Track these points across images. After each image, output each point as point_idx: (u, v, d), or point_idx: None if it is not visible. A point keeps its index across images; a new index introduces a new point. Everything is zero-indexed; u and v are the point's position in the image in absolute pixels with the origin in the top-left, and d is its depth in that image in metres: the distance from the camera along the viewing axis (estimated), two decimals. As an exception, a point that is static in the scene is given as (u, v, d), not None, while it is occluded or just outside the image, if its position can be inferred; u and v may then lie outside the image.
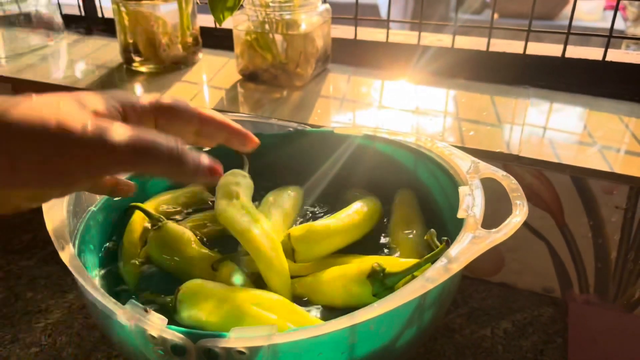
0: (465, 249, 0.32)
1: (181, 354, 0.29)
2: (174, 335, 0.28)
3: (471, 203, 0.37)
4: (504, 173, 0.40)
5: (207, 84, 0.70)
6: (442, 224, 0.45)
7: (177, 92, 0.66)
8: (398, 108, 0.62)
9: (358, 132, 0.50)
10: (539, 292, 0.56)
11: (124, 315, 0.29)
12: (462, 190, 0.39)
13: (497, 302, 0.55)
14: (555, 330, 0.51)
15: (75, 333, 0.51)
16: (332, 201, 0.50)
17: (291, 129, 0.52)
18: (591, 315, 0.54)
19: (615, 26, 0.62)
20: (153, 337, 0.29)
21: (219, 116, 0.35)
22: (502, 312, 0.53)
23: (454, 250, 0.32)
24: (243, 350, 0.27)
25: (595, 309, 0.54)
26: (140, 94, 0.28)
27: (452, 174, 0.42)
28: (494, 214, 0.40)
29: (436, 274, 0.30)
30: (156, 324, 0.29)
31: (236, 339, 0.28)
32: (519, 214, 0.35)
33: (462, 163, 0.42)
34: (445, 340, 0.50)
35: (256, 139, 0.37)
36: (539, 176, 0.51)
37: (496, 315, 0.53)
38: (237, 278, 0.39)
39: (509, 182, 0.38)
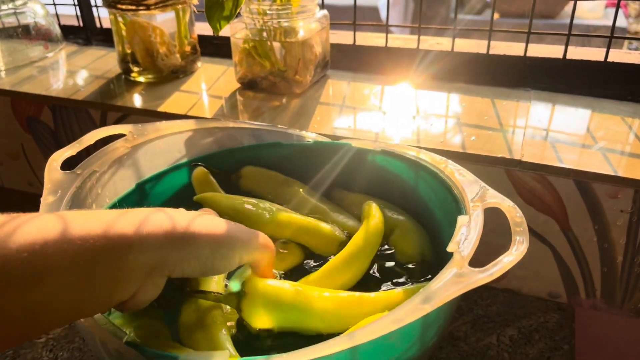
0: (444, 287, 0.30)
1: None
2: (129, 352, 0.29)
3: (465, 236, 0.35)
4: (511, 204, 0.37)
5: (206, 92, 0.69)
6: (442, 246, 0.43)
7: (176, 102, 0.66)
8: (398, 113, 0.61)
9: (375, 147, 0.49)
10: (545, 298, 0.55)
11: (91, 325, 0.31)
12: (461, 220, 0.37)
13: (503, 308, 0.54)
14: (562, 336, 0.50)
15: (77, 348, 0.51)
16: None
17: (310, 140, 0.52)
18: (598, 320, 0.53)
19: (617, 23, 0.61)
20: (118, 351, 0.30)
21: None
22: (508, 319, 0.53)
23: (432, 285, 0.30)
24: None
25: (602, 314, 0.53)
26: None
27: (458, 200, 0.40)
28: (501, 228, 0.39)
29: (404, 315, 0.29)
30: (116, 339, 0.30)
31: None
32: (515, 252, 0.32)
33: (471, 188, 0.40)
34: (451, 349, 0.49)
35: None
36: (541, 180, 0.50)
37: (501, 322, 0.52)
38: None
39: (514, 215, 0.36)
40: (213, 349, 0.34)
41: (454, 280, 0.31)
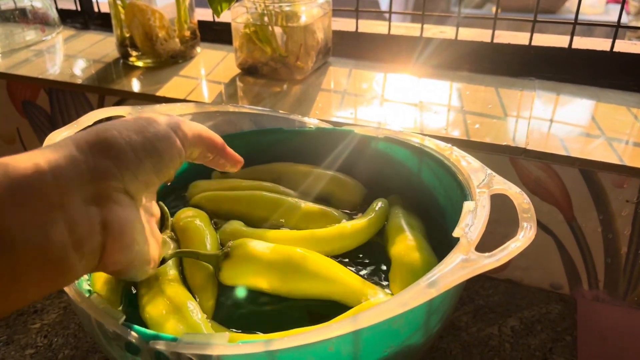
0: (450, 272, 0.29)
1: (136, 353, 0.29)
2: (127, 333, 0.29)
3: (471, 222, 0.34)
4: (518, 190, 0.37)
5: (205, 78, 0.68)
6: (446, 234, 0.43)
7: (175, 87, 0.65)
8: (401, 101, 0.60)
9: (378, 133, 0.48)
10: (547, 289, 0.55)
11: (86, 306, 0.30)
12: (467, 205, 0.36)
13: (504, 299, 0.53)
14: (564, 327, 0.50)
15: (72, 334, 0.50)
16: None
17: (312, 127, 0.51)
18: (601, 312, 0.52)
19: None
20: (115, 332, 0.29)
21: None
22: (509, 310, 0.52)
23: (438, 270, 0.30)
24: (192, 357, 0.27)
25: (605, 305, 0.53)
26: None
27: (464, 186, 0.39)
28: (505, 217, 0.38)
29: (409, 299, 0.28)
30: (113, 320, 0.29)
31: (184, 345, 0.27)
32: (522, 238, 0.32)
33: (477, 175, 0.39)
34: (452, 339, 0.49)
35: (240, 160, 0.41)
36: (546, 169, 0.49)
37: (503, 313, 0.52)
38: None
39: (521, 201, 0.35)
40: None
41: (460, 265, 0.30)
